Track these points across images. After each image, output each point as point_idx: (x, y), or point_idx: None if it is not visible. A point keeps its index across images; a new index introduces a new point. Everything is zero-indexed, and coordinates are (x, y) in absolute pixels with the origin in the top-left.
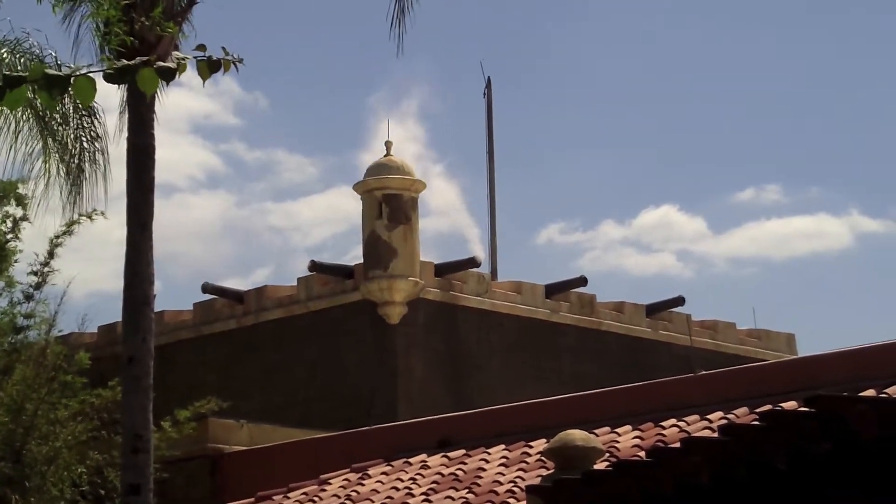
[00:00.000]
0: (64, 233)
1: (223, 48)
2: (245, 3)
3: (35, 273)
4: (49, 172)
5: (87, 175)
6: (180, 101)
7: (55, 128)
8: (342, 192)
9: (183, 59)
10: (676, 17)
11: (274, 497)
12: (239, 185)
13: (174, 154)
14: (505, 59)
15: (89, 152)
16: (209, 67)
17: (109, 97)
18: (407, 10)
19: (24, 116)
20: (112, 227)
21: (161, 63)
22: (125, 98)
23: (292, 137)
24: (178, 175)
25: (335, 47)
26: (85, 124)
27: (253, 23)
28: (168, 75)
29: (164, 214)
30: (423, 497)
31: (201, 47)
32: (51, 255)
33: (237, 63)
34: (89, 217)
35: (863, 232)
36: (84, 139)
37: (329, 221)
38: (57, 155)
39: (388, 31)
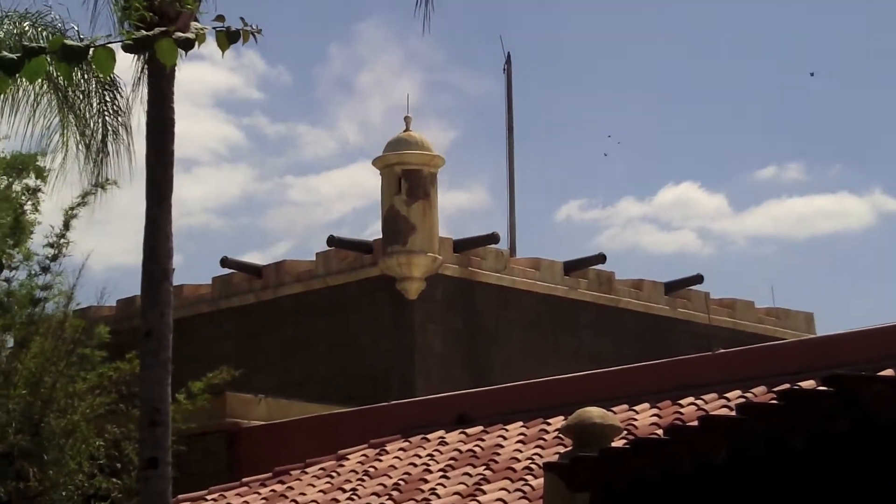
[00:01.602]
0: (79, 204)
1: (242, 19)
2: None
3: (51, 245)
4: (67, 146)
5: (110, 149)
6: (203, 75)
7: (75, 102)
8: (363, 166)
9: (202, 29)
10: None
11: (291, 472)
12: (260, 159)
13: (196, 128)
14: (525, 34)
15: (112, 126)
16: (228, 38)
17: (126, 72)
18: None
19: (44, 90)
20: (133, 201)
21: (180, 34)
22: (139, 71)
23: (314, 111)
24: (199, 149)
25: (354, 22)
26: (107, 98)
27: None
28: (187, 46)
29: (185, 188)
30: (441, 473)
31: (220, 18)
32: (66, 226)
33: (256, 34)
34: (102, 187)
35: (885, 211)
36: (106, 113)
37: (349, 196)
38: (76, 128)
39: (414, 10)
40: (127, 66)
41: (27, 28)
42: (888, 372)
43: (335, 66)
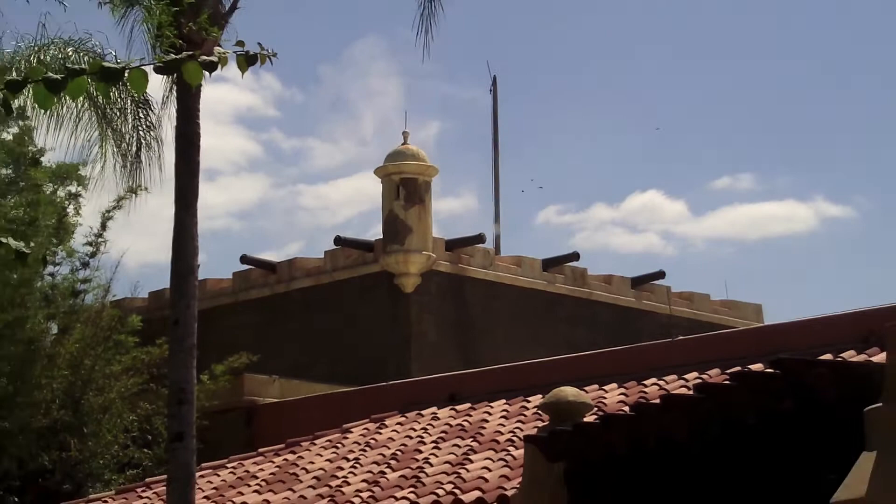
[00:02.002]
0: (114, 207)
1: (259, 44)
2: (282, 8)
3: (90, 243)
4: (105, 157)
5: (143, 159)
6: (227, 96)
7: (112, 118)
8: (366, 176)
9: (224, 53)
10: (659, 21)
11: (301, 443)
12: (276, 169)
13: (219, 142)
14: (511, 56)
15: (144, 139)
16: (247, 61)
17: (159, 91)
18: (433, 20)
19: (85, 107)
20: (162, 206)
21: (205, 57)
22: (168, 91)
23: (323, 127)
24: (222, 160)
25: (363, 48)
26: (141, 115)
27: (291, 26)
28: (210, 67)
29: (209, 195)
30: (433, 444)
31: (240, 43)
32: (103, 227)
33: (272, 57)
34: (135, 193)
35: (827, 216)
36: (140, 128)
37: (354, 202)
38: (113, 141)
39: (414, 38)
40: (158, 86)
41: (70, 53)
42: (828, 356)
43: (337, 84)
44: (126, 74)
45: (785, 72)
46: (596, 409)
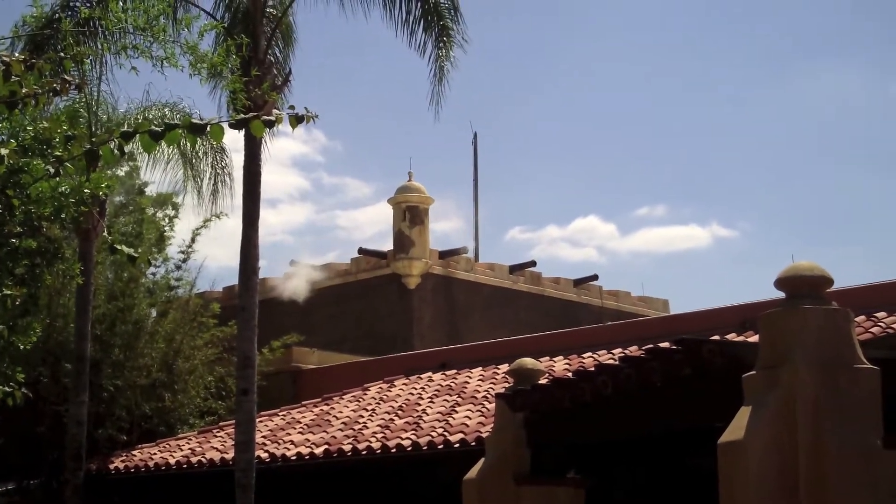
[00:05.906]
0: (201, 227)
1: (305, 108)
2: (323, 78)
3: (182, 251)
4: (188, 189)
5: (220, 190)
6: (287, 146)
7: (194, 160)
8: (383, 204)
9: (280, 114)
10: (596, 81)
11: (333, 398)
12: (320, 199)
13: (280, 179)
14: (487, 115)
15: (220, 176)
16: (296, 120)
17: (236, 141)
18: (441, 94)
19: (175, 153)
20: (235, 224)
21: (266, 117)
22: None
23: (355, 169)
24: (281, 192)
25: (387, 109)
26: (218, 157)
27: (332, 92)
28: (270, 124)
29: (270, 217)
30: (429, 399)
31: (291, 107)
32: (192, 240)
33: (314, 117)
34: (217, 217)
35: (719, 236)
36: (217, 167)
37: (373, 223)
38: (197, 177)
39: (427, 104)
40: (231, 137)
41: (167, 112)
42: (716, 337)
43: (356, 137)
44: (208, 128)
45: (692, 127)
46: (547, 374)
